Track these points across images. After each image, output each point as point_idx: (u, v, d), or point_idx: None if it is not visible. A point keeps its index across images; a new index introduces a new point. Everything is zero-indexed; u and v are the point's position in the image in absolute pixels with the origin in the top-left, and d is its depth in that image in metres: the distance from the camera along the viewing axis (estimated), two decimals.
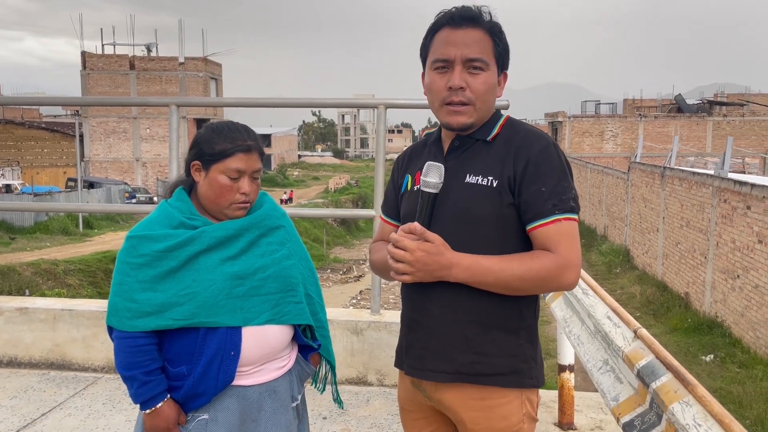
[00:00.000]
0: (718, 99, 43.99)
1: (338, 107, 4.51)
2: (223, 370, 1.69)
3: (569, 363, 3.42)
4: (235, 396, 1.73)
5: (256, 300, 1.72)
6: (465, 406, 1.62)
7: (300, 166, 78.09)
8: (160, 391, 1.70)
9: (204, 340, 1.69)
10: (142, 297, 1.67)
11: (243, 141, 1.73)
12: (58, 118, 54.96)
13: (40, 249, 23.11)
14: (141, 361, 1.68)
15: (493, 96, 1.64)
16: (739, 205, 13.46)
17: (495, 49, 1.62)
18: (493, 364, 1.59)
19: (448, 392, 1.63)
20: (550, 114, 43.66)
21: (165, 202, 1.80)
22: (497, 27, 1.63)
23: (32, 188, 31.45)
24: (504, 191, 1.56)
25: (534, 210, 1.54)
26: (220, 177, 1.72)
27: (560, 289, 1.58)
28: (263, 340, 1.74)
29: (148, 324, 1.67)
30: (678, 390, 1.69)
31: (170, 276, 1.68)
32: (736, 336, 13.18)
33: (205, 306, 1.67)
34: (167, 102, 3.71)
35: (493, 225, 1.57)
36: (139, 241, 1.71)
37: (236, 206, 1.74)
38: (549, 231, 1.54)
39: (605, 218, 26.25)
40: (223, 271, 1.70)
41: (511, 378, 1.60)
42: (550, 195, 1.54)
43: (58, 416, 3.29)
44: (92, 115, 42.93)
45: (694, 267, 15.84)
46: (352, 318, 3.72)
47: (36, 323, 3.90)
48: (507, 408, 1.61)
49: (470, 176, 1.60)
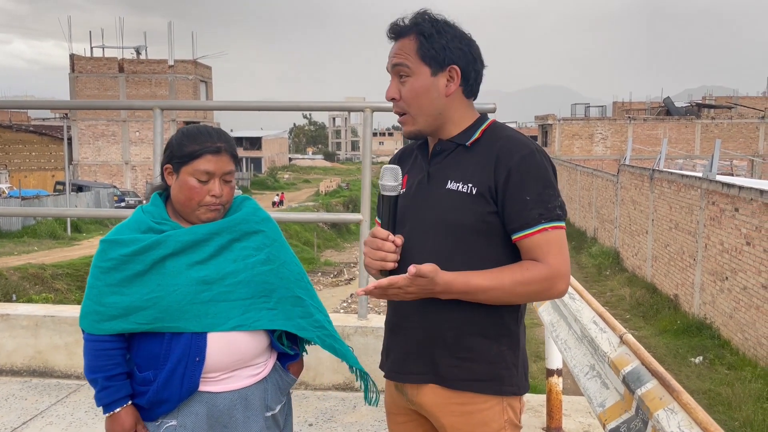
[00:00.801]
0: (706, 102, 44.34)
1: (325, 110, 4.48)
2: (188, 376, 1.67)
3: (557, 367, 3.40)
4: (204, 402, 1.71)
5: (224, 305, 1.70)
6: (445, 410, 1.61)
7: (291, 169, 77.91)
8: (120, 396, 1.70)
9: (169, 346, 1.67)
10: (109, 300, 1.68)
11: (212, 143, 1.71)
12: (47, 121, 54.60)
13: (27, 253, 22.89)
14: (104, 365, 1.69)
15: (429, 98, 1.59)
16: (727, 207, 13.54)
17: (420, 49, 1.57)
18: (473, 369, 1.58)
19: (428, 396, 1.63)
20: (540, 117, 43.81)
21: (140, 208, 1.79)
22: (425, 27, 1.58)
23: (20, 192, 31.18)
24: (485, 199, 1.54)
25: (520, 220, 1.52)
26: (189, 179, 1.70)
27: (551, 298, 1.57)
28: (231, 346, 1.71)
29: (114, 327, 1.67)
30: (663, 397, 1.67)
31: (136, 280, 1.67)
32: (725, 337, 13.24)
33: (168, 311, 1.66)
34: (151, 105, 3.67)
35: (473, 233, 1.55)
36: (109, 245, 1.71)
37: (206, 209, 1.72)
38: (536, 241, 1.51)
39: (595, 220, 26.34)
40: (188, 275, 1.68)
41: (490, 384, 1.59)
42: (536, 204, 1.51)
43: (39, 425, 3.23)
44: (81, 118, 42.66)
45: (683, 269, 15.91)
46: (339, 323, 3.69)
47: (18, 330, 3.84)
48: (487, 414, 1.60)
49: (451, 182, 1.58)
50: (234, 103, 3.98)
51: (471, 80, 1.61)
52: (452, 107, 1.61)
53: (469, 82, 1.61)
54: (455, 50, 1.57)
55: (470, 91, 1.63)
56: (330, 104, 4.19)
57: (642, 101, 49.26)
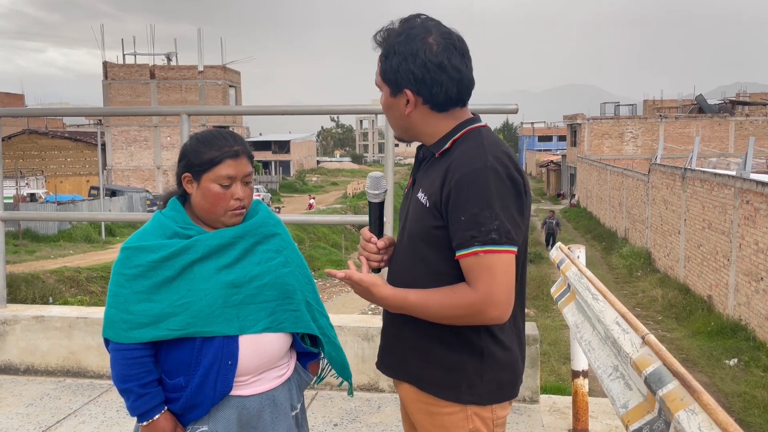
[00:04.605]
0: (740, 98, 43.33)
1: (349, 113, 4.53)
2: (221, 379, 1.67)
3: (583, 369, 3.38)
4: (234, 406, 1.71)
5: (252, 308, 1.71)
6: (415, 408, 1.68)
7: (319, 172, 78.37)
8: (157, 403, 1.69)
9: (201, 350, 1.67)
10: (138, 308, 1.66)
11: (230, 147, 1.72)
12: (81, 128, 55.81)
13: (63, 257, 23.45)
14: (137, 374, 1.67)
15: (392, 115, 1.63)
16: (761, 206, 13.23)
17: (381, 70, 1.60)
18: (434, 374, 1.62)
19: (404, 391, 1.70)
20: (568, 116, 43.35)
21: (159, 213, 1.79)
22: (384, 46, 1.57)
23: (56, 197, 31.93)
24: (434, 212, 1.54)
25: (456, 239, 1.50)
26: (212, 186, 1.70)
27: (486, 323, 1.53)
28: (261, 348, 1.73)
29: (144, 335, 1.66)
30: (684, 398, 1.65)
31: (165, 286, 1.67)
32: (761, 339, 12.93)
33: (200, 315, 1.66)
34: (178, 111, 3.75)
35: (425, 243, 1.58)
36: (133, 252, 1.70)
37: (232, 213, 1.73)
38: (468, 263, 1.49)
39: (626, 221, 25.95)
40: (218, 279, 1.69)
41: (447, 391, 1.61)
42: (469, 225, 1.47)
43: (72, 423, 3.32)
44: (114, 124, 43.57)
45: (717, 269, 15.59)
46: (363, 324, 3.71)
47: (52, 331, 3.95)
48: (449, 419, 1.62)
49: (420, 191, 1.61)
50: (259, 108, 4.04)
51: (435, 95, 1.55)
52: (418, 123, 1.61)
53: (433, 97, 1.56)
54: (405, 73, 1.54)
55: (439, 103, 1.57)
56: (353, 107, 4.24)
57: (674, 99, 48.42)
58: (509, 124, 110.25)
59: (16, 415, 3.42)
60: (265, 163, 66.16)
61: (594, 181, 32.95)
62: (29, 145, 45.10)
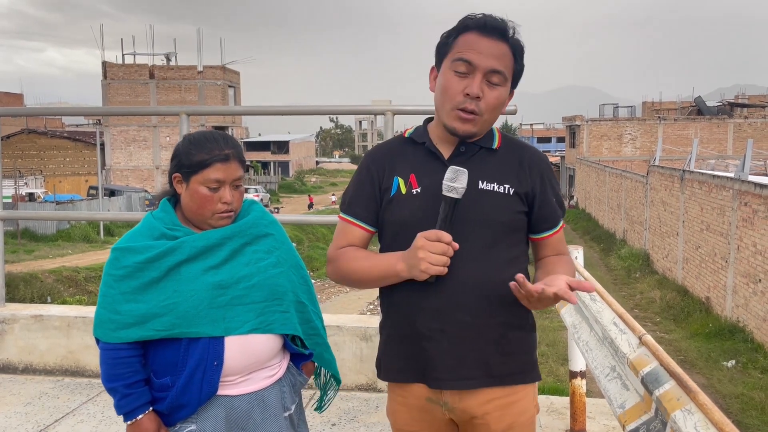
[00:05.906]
0: (739, 100, 43.41)
1: (348, 114, 4.53)
2: (207, 380, 1.68)
3: (580, 369, 3.39)
4: (222, 406, 1.72)
5: (239, 309, 1.71)
6: (490, 407, 1.66)
7: (318, 173, 78.36)
8: (141, 403, 1.70)
9: (186, 351, 1.68)
10: (125, 308, 1.67)
11: (220, 150, 1.71)
12: (81, 127, 55.78)
13: (62, 256, 23.43)
14: (123, 373, 1.69)
15: (500, 111, 1.68)
16: (760, 208, 13.25)
17: (515, 67, 1.64)
18: (519, 362, 1.68)
19: (474, 398, 1.65)
20: (567, 117, 43.37)
21: (150, 214, 1.79)
22: (519, 46, 1.64)
23: (54, 196, 31.91)
24: (520, 200, 1.66)
25: (549, 220, 1.72)
26: (200, 188, 1.70)
27: None
28: (248, 349, 1.73)
29: (131, 335, 1.67)
30: (680, 398, 1.66)
31: (152, 287, 1.68)
32: (759, 341, 12.95)
33: (185, 316, 1.66)
34: (177, 111, 3.75)
35: (507, 229, 1.66)
36: (121, 253, 1.71)
37: (219, 216, 1.73)
38: (558, 237, 1.76)
39: (624, 222, 25.98)
40: (204, 280, 1.69)
41: (531, 374, 1.72)
42: (559, 205, 1.74)
43: (70, 422, 3.33)
44: (113, 124, 43.54)
45: (715, 271, 15.61)
46: (361, 324, 3.72)
47: (50, 330, 3.95)
48: (524, 402, 1.70)
49: (483, 183, 1.63)
50: (259, 108, 4.05)
51: None
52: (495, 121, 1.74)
53: None
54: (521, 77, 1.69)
55: None
56: (352, 107, 4.25)
57: (672, 101, 48.49)
58: (508, 125, 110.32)
59: (14, 414, 3.42)
60: (264, 164, 66.12)
61: (593, 182, 32.97)
62: (28, 144, 45.07)
